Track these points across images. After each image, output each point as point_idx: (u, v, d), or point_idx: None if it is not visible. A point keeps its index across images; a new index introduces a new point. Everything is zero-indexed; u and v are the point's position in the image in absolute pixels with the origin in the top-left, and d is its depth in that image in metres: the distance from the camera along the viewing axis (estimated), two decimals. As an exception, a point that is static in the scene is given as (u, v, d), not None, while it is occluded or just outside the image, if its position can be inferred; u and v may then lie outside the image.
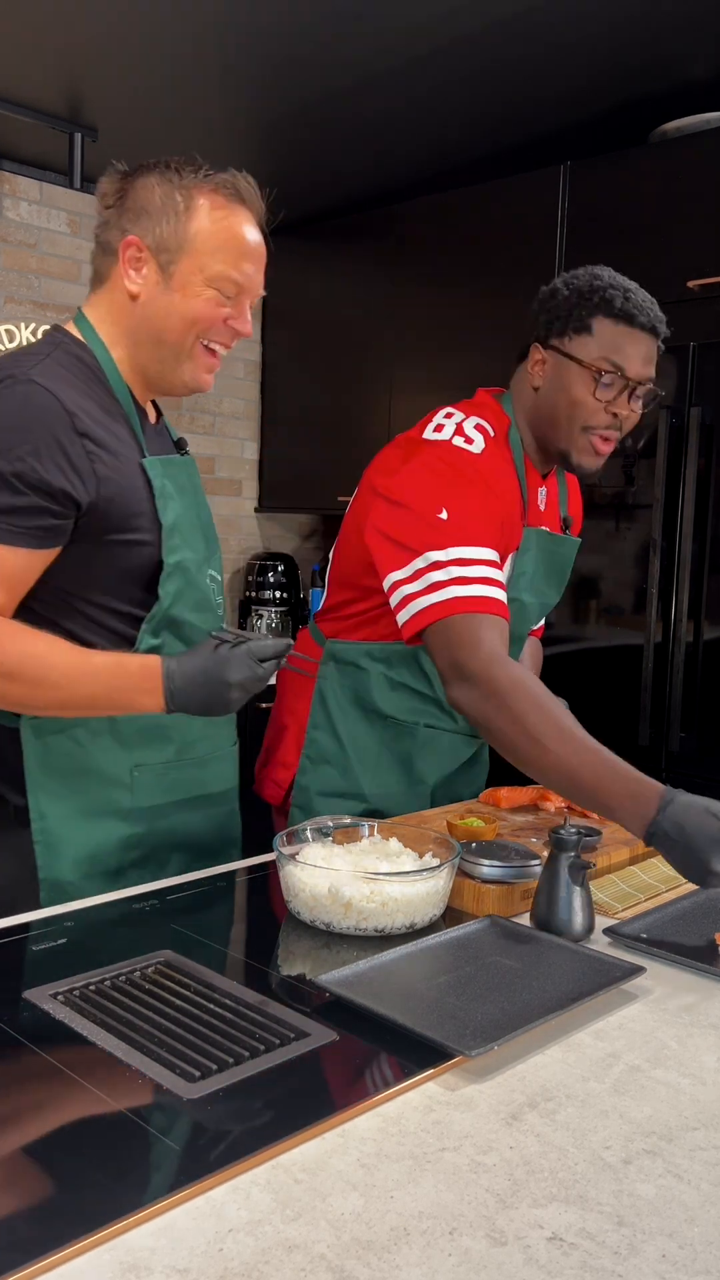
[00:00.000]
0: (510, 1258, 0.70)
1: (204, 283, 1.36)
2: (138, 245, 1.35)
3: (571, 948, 1.17)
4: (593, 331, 1.59)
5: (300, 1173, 0.78)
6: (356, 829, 1.40)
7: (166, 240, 1.35)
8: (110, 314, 1.40)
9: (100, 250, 1.41)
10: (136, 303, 1.37)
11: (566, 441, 1.64)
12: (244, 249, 1.39)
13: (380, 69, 2.80)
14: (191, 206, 1.36)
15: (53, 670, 1.27)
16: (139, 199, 1.36)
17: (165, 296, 1.36)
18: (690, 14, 2.48)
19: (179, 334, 1.38)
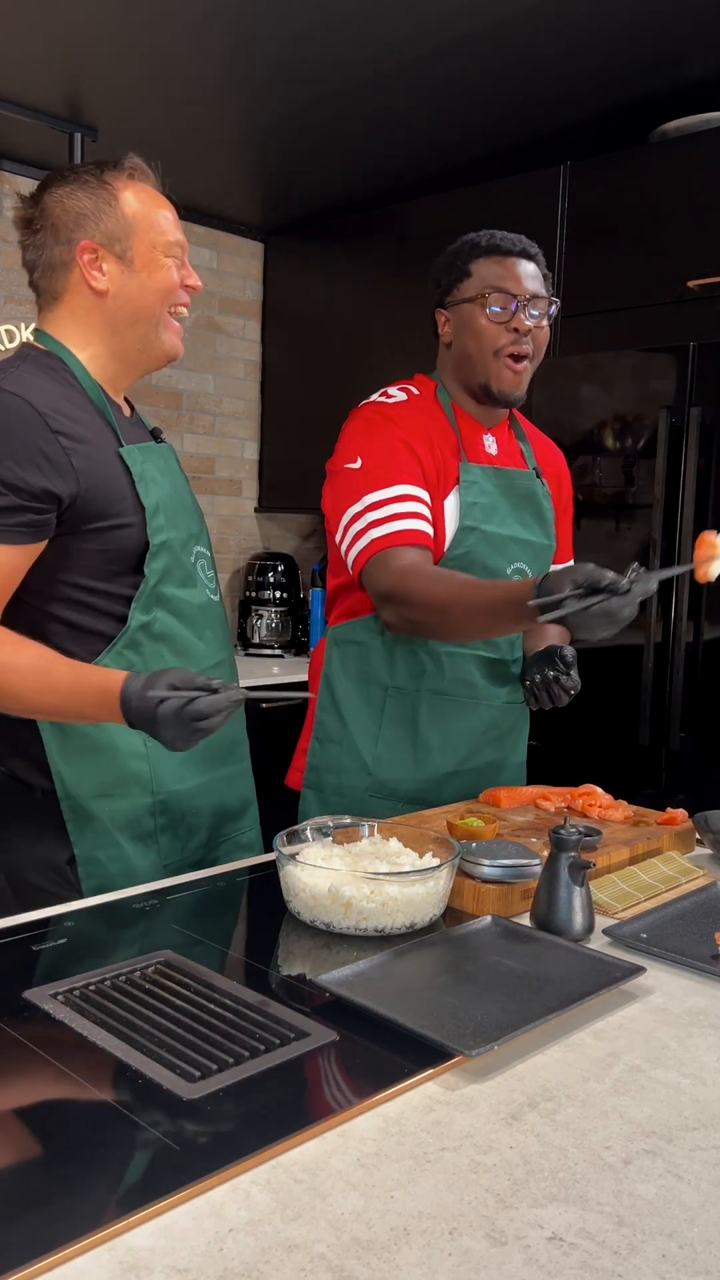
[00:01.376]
0: (510, 1258, 0.70)
1: (161, 253, 1.47)
2: (91, 247, 1.44)
3: (571, 948, 1.17)
4: (472, 274, 1.77)
5: (300, 1173, 0.78)
6: (356, 829, 1.41)
7: (113, 232, 1.44)
8: (75, 320, 1.48)
9: (47, 271, 1.48)
10: (107, 298, 1.46)
11: (484, 373, 1.78)
12: (170, 215, 1.50)
13: (380, 69, 2.80)
14: (117, 196, 1.45)
15: (13, 678, 1.31)
16: (66, 209, 1.44)
17: (134, 279, 1.46)
18: (690, 14, 2.48)
19: (154, 307, 1.47)
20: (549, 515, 1.90)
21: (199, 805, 1.54)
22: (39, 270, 1.49)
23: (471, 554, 1.77)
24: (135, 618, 1.44)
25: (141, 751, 1.46)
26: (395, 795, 1.80)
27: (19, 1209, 0.72)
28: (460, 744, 1.83)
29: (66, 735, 1.42)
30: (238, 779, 1.63)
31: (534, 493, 1.86)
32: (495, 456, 1.85)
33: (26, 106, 3.15)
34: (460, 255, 1.79)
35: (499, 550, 1.80)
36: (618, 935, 1.23)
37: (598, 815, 1.66)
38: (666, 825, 1.62)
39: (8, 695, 1.31)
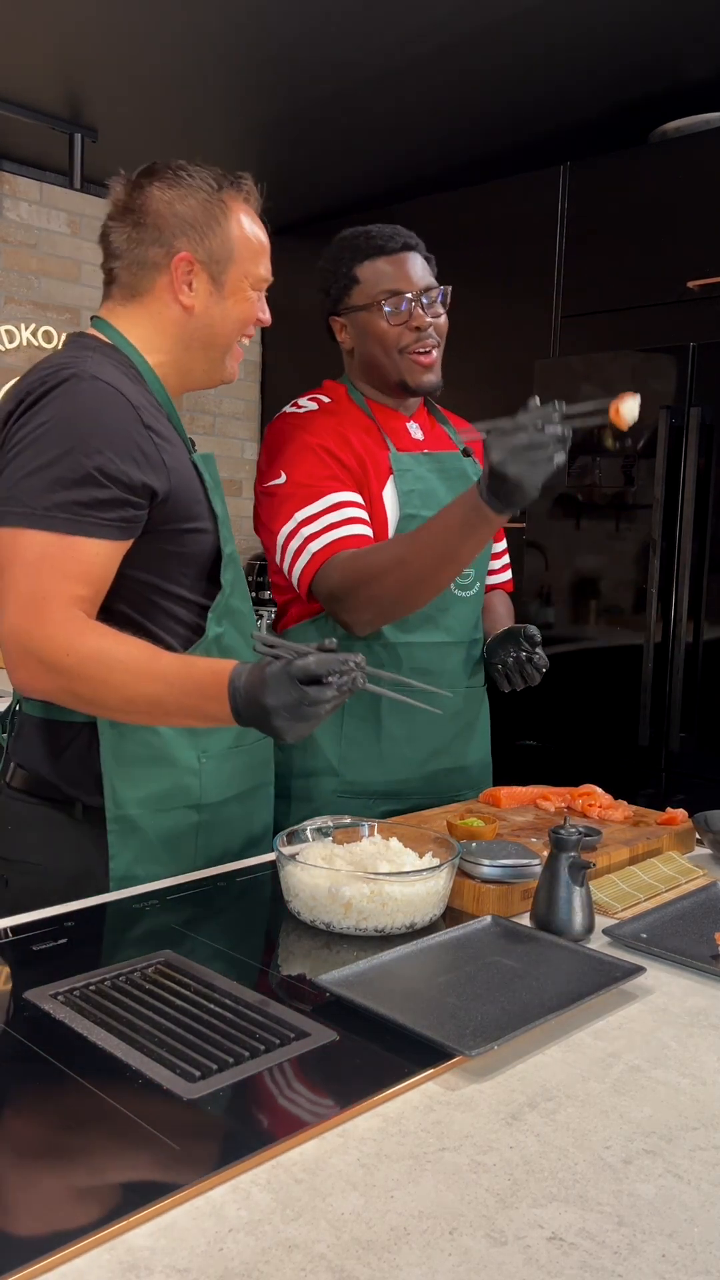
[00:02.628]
0: (510, 1258, 0.70)
1: (250, 287, 1.45)
2: (189, 260, 1.40)
3: (571, 948, 1.17)
4: (359, 279, 1.77)
5: (300, 1173, 0.78)
6: (356, 829, 1.41)
7: (216, 252, 1.41)
8: (152, 323, 1.43)
9: (134, 266, 1.41)
10: (191, 314, 1.42)
11: (395, 371, 1.79)
12: (265, 246, 1.48)
13: (380, 69, 2.80)
14: (227, 214, 1.41)
15: (118, 668, 1.24)
16: (174, 213, 1.39)
17: (220, 305, 1.43)
18: (690, 14, 2.48)
19: (229, 337, 1.46)
20: None
21: (234, 825, 1.52)
22: (123, 261, 1.42)
23: None
24: (211, 628, 1.42)
25: (195, 767, 1.43)
26: (365, 793, 1.80)
27: (19, 1209, 0.72)
28: (426, 734, 1.82)
29: (124, 741, 1.38)
30: (265, 801, 1.61)
31: (465, 472, 1.87)
32: (422, 441, 1.87)
33: (26, 106, 3.15)
34: (342, 261, 1.78)
35: None
36: (618, 935, 1.23)
37: (598, 815, 1.66)
38: (666, 825, 1.62)
39: (111, 687, 1.24)
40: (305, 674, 1.17)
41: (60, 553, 1.26)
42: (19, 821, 1.44)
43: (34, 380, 1.32)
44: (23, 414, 1.30)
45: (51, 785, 1.41)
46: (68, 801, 1.41)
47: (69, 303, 3.80)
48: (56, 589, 1.25)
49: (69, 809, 1.41)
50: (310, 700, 1.17)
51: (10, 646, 1.26)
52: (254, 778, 1.56)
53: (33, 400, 1.30)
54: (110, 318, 1.44)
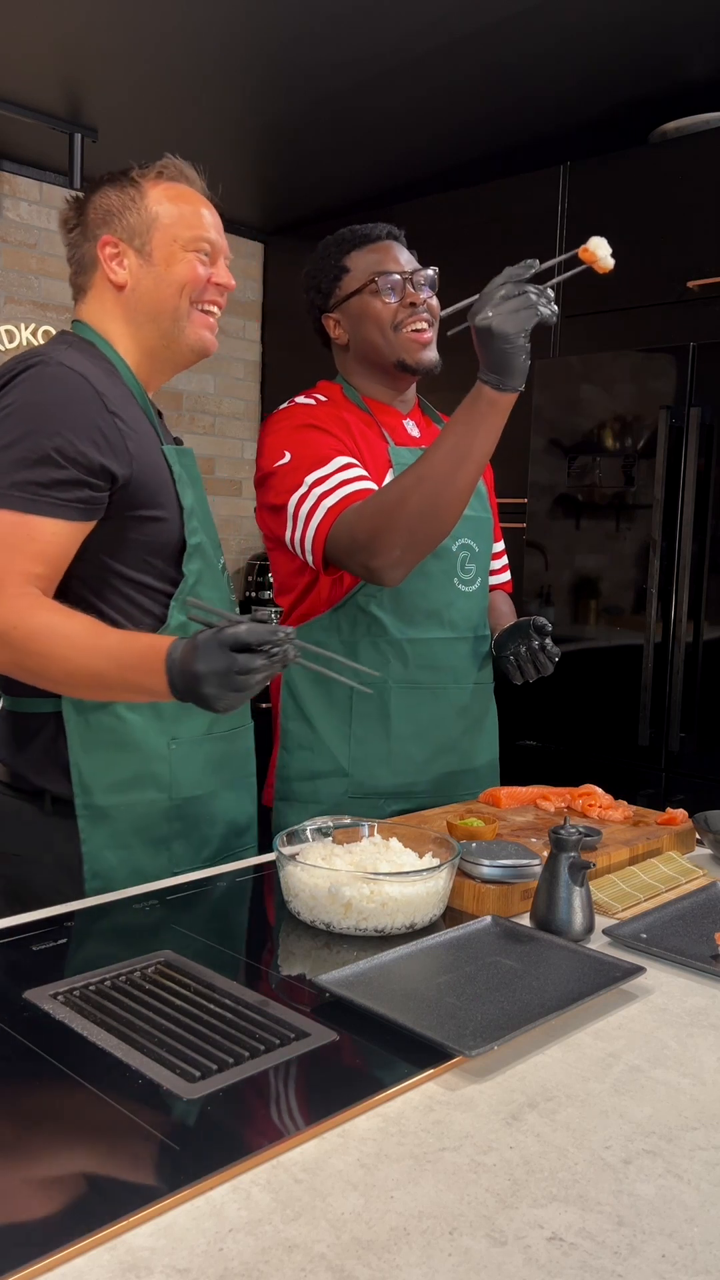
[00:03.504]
0: (510, 1258, 0.70)
1: (182, 248, 1.46)
2: (113, 242, 1.46)
3: (571, 948, 1.17)
4: (349, 268, 1.82)
5: (300, 1173, 0.78)
6: (356, 829, 1.41)
7: (135, 227, 1.46)
8: (104, 313, 1.49)
9: (77, 268, 1.51)
10: (125, 290, 1.47)
11: (392, 351, 1.81)
12: (198, 212, 1.49)
13: (380, 69, 2.80)
14: (145, 194, 1.47)
15: (62, 643, 1.27)
16: (96, 209, 1.47)
17: (150, 272, 1.46)
18: (690, 14, 2.48)
19: (173, 300, 1.47)
20: (482, 489, 1.91)
21: (214, 814, 1.53)
22: (73, 267, 1.52)
23: None
24: (174, 616, 1.44)
25: (164, 754, 1.45)
26: (375, 793, 1.80)
27: (19, 1209, 0.72)
28: (435, 731, 1.82)
29: (90, 728, 1.41)
30: (245, 791, 1.62)
31: None
32: (419, 439, 1.88)
33: (26, 106, 3.15)
34: (329, 257, 1.83)
35: None
36: (618, 935, 1.23)
37: (598, 815, 1.66)
38: (666, 825, 1.62)
39: (55, 660, 1.27)
40: (236, 641, 1.18)
41: (16, 531, 1.29)
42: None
43: (3, 368, 1.37)
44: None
45: (19, 776, 1.44)
46: (36, 793, 1.43)
47: (69, 302, 3.79)
48: (11, 565, 1.28)
49: (39, 800, 1.43)
50: (240, 668, 1.17)
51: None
52: (232, 768, 1.57)
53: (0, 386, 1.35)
54: (81, 317, 1.51)
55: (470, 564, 1.85)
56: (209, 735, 1.51)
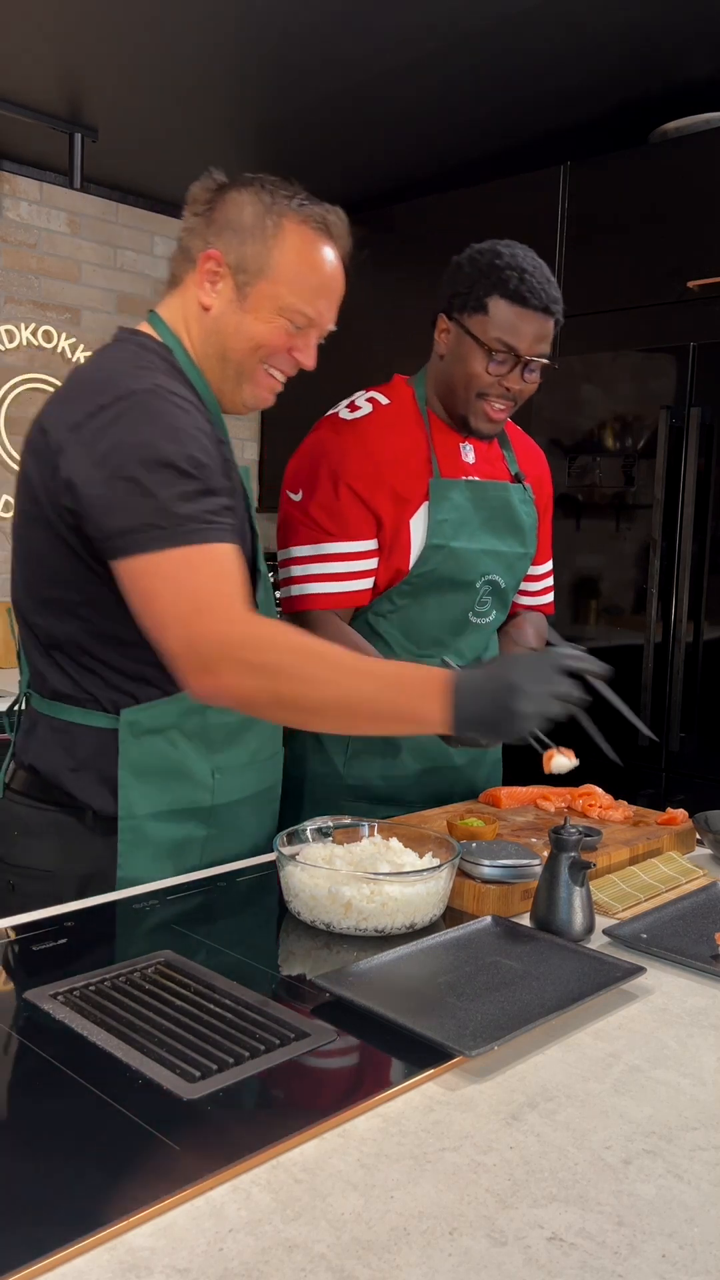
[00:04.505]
0: (510, 1258, 0.70)
1: (276, 310, 1.36)
2: (217, 260, 1.35)
3: (571, 948, 1.17)
4: (488, 311, 1.68)
5: (300, 1173, 0.78)
6: (356, 829, 1.40)
7: (248, 261, 1.35)
8: (184, 317, 1.40)
9: (180, 254, 1.40)
10: (208, 314, 1.38)
11: (464, 407, 1.75)
12: (322, 284, 1.38)
13: (380, 69, 2.80)
14: (280, 232, 1.35)
15: (325, 665, 1.19)
16: (228, 213, 1.36)
17: (236, 315, 1.37)
18: (690, 14, 2.48)
19: (243, 354, 1.38)
20: (526, 523, 1.87)
21: (240, 835, 1.50)
22: (178, 249, 1.41)
23: (439, 570, 1.75)
24: None
25: (208, 783, 1.42)
26: (368, 796, 1.80)
27: (19, 1209, 0.72)
28: (429, 741, 1.81)
29: (144, 752, 1.36)
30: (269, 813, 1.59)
31: (508, 503, 1.83)
32: (473, 465, 1.82)
33: (26, 106, 3.15)
34: (483, 282, 1.69)
35: (468, 565, 1.79)
36: (618, 935, 1.23)
37: (598, 815, 1.66)
38: (666, 825, 1.62)
39: (319, 684, 1.17)
40: (566, 666, 1.17)
41: (207, 560, 1.21)
42: (25, 828, 1.41)
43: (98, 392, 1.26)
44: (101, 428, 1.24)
45: (63, 791, 1.38)
46: (78, 808, 1.38)
47: (69, 302, 3.80)
48: (226, 589, 1.21)
49: (79, 815, 1.39)
50: (562, 693, 1.16)
51: (206, 653, 1.18)
52: (264, 796, 1.55)
53: (109, 416, 1.24)
54: (161, 310, 1.42)
55: (488, 598, 1.84)
56: (251, 763, 1.48)
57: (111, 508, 1.22)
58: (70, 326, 3.81)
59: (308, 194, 1.39)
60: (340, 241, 1.40)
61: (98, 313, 3.88)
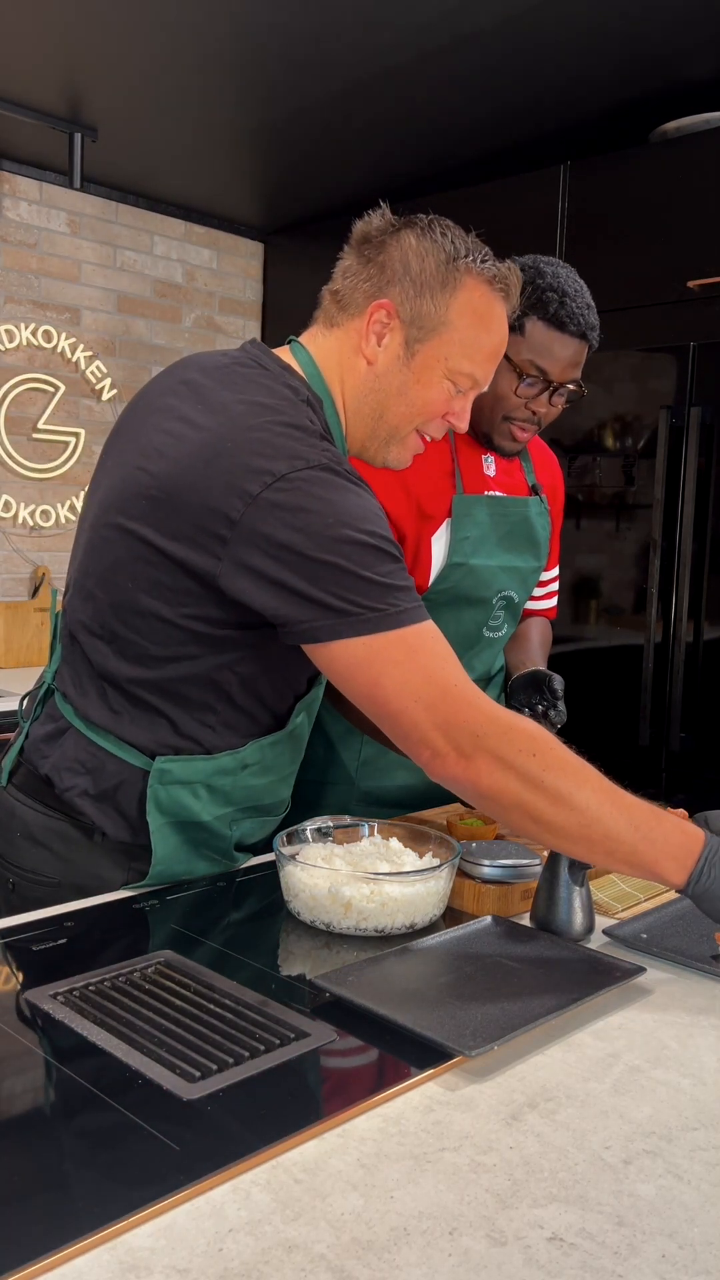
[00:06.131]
0: (510, 1258, 0.70)
1: (444, 373, 1.29)
2: (389, 311, 1.27)
3: (571, 948, 1.17)
4: (524, 332, 1.62)
5: (300, 1173, 0.78)
6: (356, 829, 1.40)
7: (422, 316, 1.27)
8: (339, 365, 1.32)
9: (343, 295, 1.31)
10: (370, 369, 1.30)
11: (489, 426, 1.71)
12: (495, 349, 1.32)
13: (380, 69, 2.80)
14: (458, 287, 1.27)
15: (582, 789, 1.12)
16: (406, 260, 1.27)
17: (401, 374, 1.30)
18: (690, 14, 2.48)
19: (401, 418, 1.32)
20: (541, 536, 1.87)
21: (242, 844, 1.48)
22: (335, 286, 1.33)
23: (457, 588, 1.74)
24: (293, 720, 1.39)
25: (226, 834, 1.40)
26: (380, 802, 1.80)
27: (19, 1209, 0.72)
28: None
29: (168, 798, 1.32)
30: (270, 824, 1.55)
31: (526, 519, 1.83)
32: (493, 478, 1.81)
33: (26, 106, 3.15)
34: (522, 301, 1.61)
35: (485, 582, 1.78)
36: (618, 935, 1.23)
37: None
38: (666, 825, 1.62)
39: (574, 808, 1.11)
40: None
41: (428, 639, 1.18)
42: (28, 831, 1.38)
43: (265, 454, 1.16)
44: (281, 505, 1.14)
45: (76, 809, 1.35)
46: (88, 826, 1.35)
47: (69, 302, 3.80)
48: (458, 671, 1.16)
49: (88, 832, 1.35)
50: None
51: (461, 739, 1.14)
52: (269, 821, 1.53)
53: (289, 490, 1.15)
54: (308, 343, 1.35)
55: (501, 612, 1.84)
56: (262, 816, 1.47)
57: (315, 591, 1.15)
58: (70, 326, 3.81)
59: (486, 248, 1.32)
60: (513, 301, 1.34)
61: (98, 313, 3.88)
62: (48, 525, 3.78)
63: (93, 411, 3.88)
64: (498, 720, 1.14)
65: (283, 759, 1.42)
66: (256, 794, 1.42)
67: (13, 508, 3.69)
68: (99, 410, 3.89)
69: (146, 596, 1.24)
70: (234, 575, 1.17)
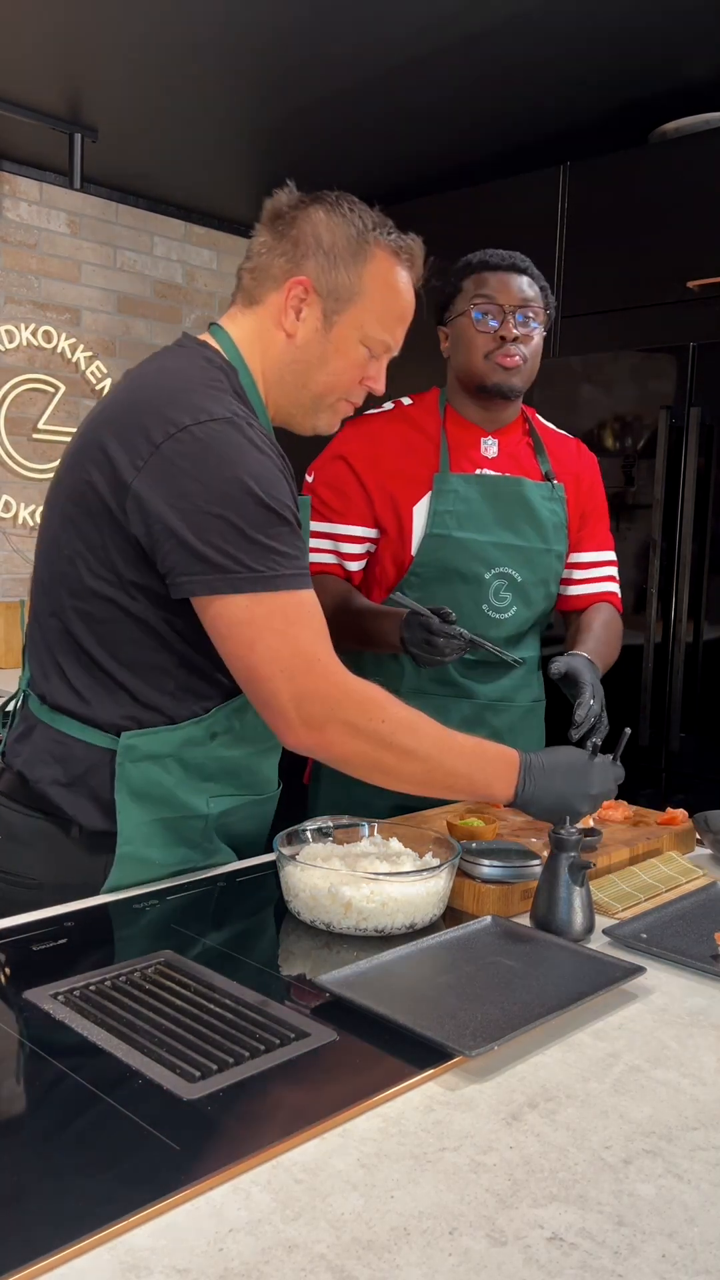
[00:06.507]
0: (510, 1258, 0.70)
1: (359, 339, 1.36)
2: (306, 286, 1.33)
3: (571, 948, 1.17)
4: (463, 289, 1.85)
5: (300, 1173, 0.78)
6: (356, 829, 1.40)
7: (338, 287, 1.34)
8: (258, 339, 1.37)
9: (257, 273, 1.37)
10: (290, 341, 1.36)
11: (478, 375, 1.84)
12: (404, 314, 1.40)
13: (380, 70, 2.80)
14: (369, 259, 1.34)
15: (424, 741, 1.28)
16: (318, 234, 1.33)
17: (320, 345, 1.36)
18: (690, 14, 2.48)
19: (324, 386, 1.38)
20: (548, 519, 1.90)
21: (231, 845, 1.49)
22: (251, 264, 1.37)
23: (443, 562, 1.83)
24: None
25: (204, 811, 1.39)
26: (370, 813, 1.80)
27: (19, 1209, 0.72)
28: None
29: (140, 776, 1.33)
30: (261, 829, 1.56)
31: (524, 497, 1.87)
32: (493, 459, 1.88)
33: (26, 106, 3.15)
34: (454, 274, 1.87)
35: (476, 557, 1.82)
36: (618, 935, 1.23)
37: (598, 815, 1.66)
38: (666, 825, 1.62)
39: (417, 758, 1.27)
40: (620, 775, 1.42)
41: (303, 611, 1.23)
42: (11, 833, 1.38)
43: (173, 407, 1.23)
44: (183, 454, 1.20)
45: (50, 802, 1.35)
46: (65, 820, 1.35)
47: (69, 302, 3.80)
48: (324, 644, 1.24)
49: (66, 827, 1.36)
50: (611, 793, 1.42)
51: (314, 710, 1.23)
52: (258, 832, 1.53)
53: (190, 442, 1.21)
54: (229, 325, 1.39)
55: (506, 593, 1.86)
56: (247, 804, 1.46)
57: (199, 544, 1.20)
58: (70, 326, 3.81)
59: (390, 221, 1.40)
60: (418, 271, 1.41)
61: (98, 313, 3.88)
62: (48, 525, 3.78)
63: (93, 411, 3.88)
64: (352, 693, 1.25)
65: (257, 729, 1.40)
66: (233, 768, 1.41)
67: (13, 508, 3.70)
68: (99, 410, 3.89)
69: (79, 560, 1.30)
70: (134, 517, 1.23)
